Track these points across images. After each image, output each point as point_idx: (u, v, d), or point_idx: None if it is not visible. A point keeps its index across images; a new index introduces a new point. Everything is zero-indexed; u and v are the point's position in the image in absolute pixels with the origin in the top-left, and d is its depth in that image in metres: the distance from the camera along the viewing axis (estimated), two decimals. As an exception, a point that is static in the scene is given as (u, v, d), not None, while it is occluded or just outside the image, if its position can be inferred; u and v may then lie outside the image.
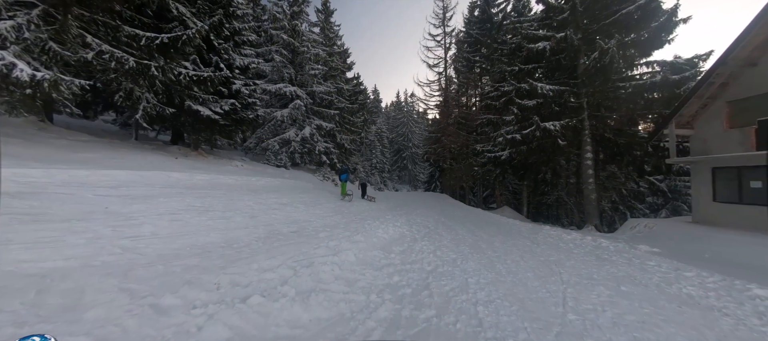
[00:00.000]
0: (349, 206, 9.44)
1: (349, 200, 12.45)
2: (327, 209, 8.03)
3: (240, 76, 13.61)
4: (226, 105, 12.21)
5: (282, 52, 25.03)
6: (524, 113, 12.69)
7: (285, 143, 23.62)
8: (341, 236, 5.34)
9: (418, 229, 8.15)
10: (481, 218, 12.28)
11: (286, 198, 8.19)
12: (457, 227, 9.20)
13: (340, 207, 8.85)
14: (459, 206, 16.92)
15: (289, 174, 17.19)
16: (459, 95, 24.73)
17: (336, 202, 9.65)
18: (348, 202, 11.86)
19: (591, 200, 13.50)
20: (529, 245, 7.21)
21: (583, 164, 13.70)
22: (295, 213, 6.46)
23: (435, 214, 12.13)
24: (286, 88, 24.11)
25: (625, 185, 15.92)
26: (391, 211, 11.21)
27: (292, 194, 9.48)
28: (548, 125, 11.56)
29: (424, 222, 9.60)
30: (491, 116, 17.65)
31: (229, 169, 11.49)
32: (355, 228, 6.16)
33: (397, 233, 6.94)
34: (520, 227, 10.37)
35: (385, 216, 9.05)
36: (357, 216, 7.98)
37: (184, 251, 3.34)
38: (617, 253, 7.12)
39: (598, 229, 13.27)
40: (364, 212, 9.33)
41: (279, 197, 8.21)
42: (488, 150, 16.11)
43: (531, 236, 8.73)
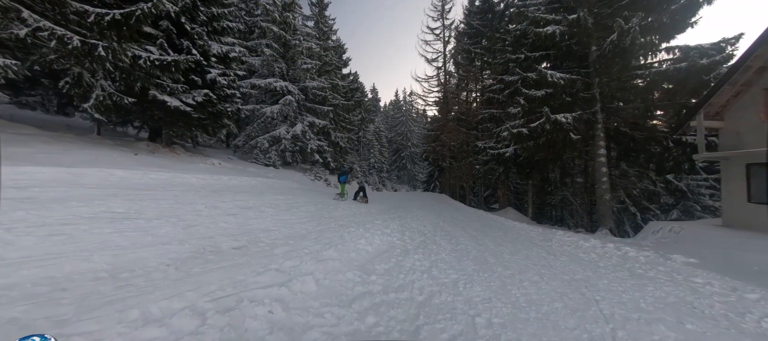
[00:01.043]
0: (333, 210, 8.18)
1: (366, 202, 11.84)
2: (302, 214, 6.75)
3: (217, 65, 12.33)
4: (199, 96, 10.92)
5: (273, 46, 23.76)
6: (532, 105, 11.44)
7: (275, 141, 22.35)
8: (306, 251, 4.07)
9: (412, 237, 6.88)
10: (483, 222, 11.02)
11: (256, 201, 6.91)
12: (458, 233, 7.94)
13: (320, 212, 7.57)
14: (459, 208, 15.65)
15: (274, 174, 15.92)
16: (459, 90, 23.46)
17: (317, 205, 8.39)
18: (342, 201, 11.34)
19: (605, 202, 12.24)
20: (546, 257, 5.94)
21: (596, 162, 12.44)
22: (255, 220, 5.19)
23: (433, 217, 10.86)
24: (276, 83, 22.85)
25: (638, 185, 14.67)
26: (383, 214, 9.94)
27: (266, 195, 8.20)
28: (559, 118, 10.31)
29: (420, 227, 8.33)
30: (494, 110, 16.39)
31: (201, 167, 10.22)
32: (329, 239, 4.89)
33: (385, 244, 5.67)
34: (529, 232, 9.10)
35: (374, 221, 7.78)
36: (338, 222, 6.71)
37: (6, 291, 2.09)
38: (651, 266, 5.87)
39: (613, 233, 12.02)
40: (349, 216, 8.06)
41: (247, 199, 6.94)
42: (490, 147, 14.86)
43: (544, 244, 7.46)
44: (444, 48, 27.17)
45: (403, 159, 64.52)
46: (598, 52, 12.06)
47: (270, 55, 23.11)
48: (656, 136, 11.78)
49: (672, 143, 11.45)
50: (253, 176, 11.75)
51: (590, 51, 12.29)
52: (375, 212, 10.28)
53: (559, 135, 10.66)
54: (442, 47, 27.27)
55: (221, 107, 11.99)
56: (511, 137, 11.79)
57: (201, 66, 11.33)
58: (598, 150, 12.32)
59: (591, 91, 12.06)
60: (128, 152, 9.29)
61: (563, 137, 10.70)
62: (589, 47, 12.23)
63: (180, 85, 10.45)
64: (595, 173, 12.56)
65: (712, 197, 24.41)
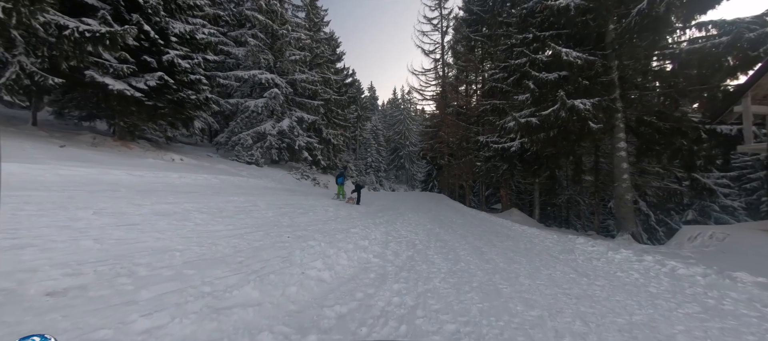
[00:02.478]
0: (303, 214, 6.59)
1: (353, 202, 11.26)
2: (251, 222, 5.12)
3: (180, 46, 10.68)
4: (152, 80, 9.29)
5: (259, 36, 22.14)
6: (542, 91, 9.84)
7: (260, 137, 20.69)
8: (203, 291, 2.45)
9: (398, 251, 5.26)
10: (487, 227, 9.41)
11: (193, 204, 5.28)
12: (458, 243, 6.32)
13: (280, 217, 5.95)
14: (459, 210, 14.04)
15: (254, 172, 14.26)
16: (458, 82, 21.83)
17: (282, 208, 6.78)
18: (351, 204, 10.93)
19: (626, 202, 10.63)
20: (577, 281, 4.33)
21: (615, 157, 10.83)
22: (160, 234, 3.57)
23: (428, 221, 9.25)
24: (262, 75, 21.22)
25: (659, 183, 13.08)
26: (368, 218, 8.33)
27: (218, 197, 6.57)
28: (577, 103, 8.72)
29: (410, 236, 6.71)
30: (496, 101, 14.78)
31: (148, 163, 8.57)
32: (262, 263, 3.27)
33: (355, 265, 4.06)
34: (543, 241, 7.49)
35: (351, 229, 6.16)
36: (299, 231, 5.08)
37: None
38: (719, 292, 4.27)
39: (636, 238, 10.43)
40: (321, 222, 6.44)
41: (181, 202, 5.31)
42: (493, 141, 13.25)
43: (566, 258, 5.84)
44: (442, 39, 25.56)
45: (402, 158, 63.03)
46: (617, 31, 10.47)
47: (255, 46, 21.46)
48: (686, 126, 10.17)
49: (705, 135, 9.87)
50: (219, 173, 10.11)
51: (607, 30, 10.70)
52: (359, 215, 8.66)
53: (576, 125, 9.08)
54: (440, 38, 25.67)
55: (183, 95, 10.33)
56: (519, 128, 10.20)
57: (156, 46, 9.69)
58: (617, 143, 10.71)
59: (609, 75, 10.44)
60: (51, 144, 7.64)
61: (581, 127, 9.11)
62: (607, 26, 10.64)
63: (126, 65, 8.81)
64: (614, 170, 10.95)
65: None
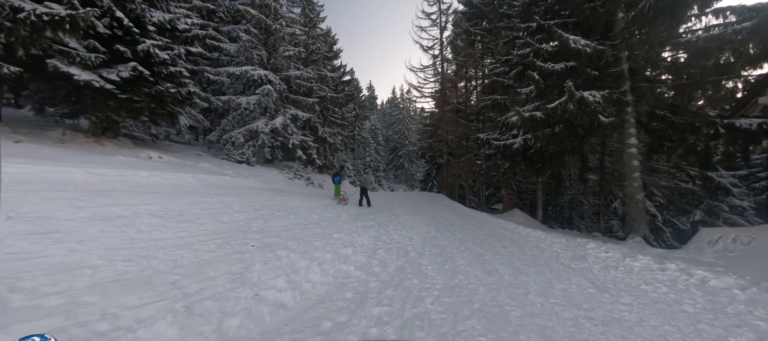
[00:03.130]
0: (280, 218, 5.89)
1: (345, 203, 10.69)
2: (212, 227, 4.39)
3: (159, 36, 9.96)
4: (125, 71, 8.57)
5: (251, 31, 21.42)
6: (548, 82, 9.11)
7: (252, 136, 19.97)
8: (88, 335, 1.74)
9: (387, 260, 4.55)
10: (489, 229, 8.69)
11: (147, 206, 4.57)
12: (456, 250, 5.60)
13: (252, 222, 5.23)
14: (458, 210, 13.33)
15: (241, 171, 13.53)
16: (458, 78, 21.08)
17: (258, 211, 6.08)
18: (343, 204, 10.33)
19: (636, 203, 9.92)
20: (597, 297, 3.61)
21: (625, 154, 10.11)
22: (80, 246, 2.87)
23: (424, 223, 8.54)
24: (254, 71, 20.47)
25: (671, 181, 12.36)
26: (358, 220, 7.62)
27: (187, 197, 5.85)
28: (586, 95, 8.00)
29: (404, 241, 5.99)
30: (498, 96, 14.06)
31: (119, 161, 7.84)
32: (202, 284, 2.56)
33: (333, 279, 3.35)
34: (550, 245, 6.77)
35: (334, 234, 5.45)
36: (268, 238, 4.37)
37: None
38: (764, 310, 3.55)
39: (648, 241, 9.71)
40: (300, 226, 5.73)
41: (135, 203, 4.59)
42: (494, 138, 12.53)
43: (579, 266, 5.12)
44: (441, 34, 24.83)
45: (401, 158, 62.35)
46: (627, 19, 9.77)
47: (248, 41, 20.75)
48: (701, 121, 9.46)
49: (723, 130, 9.16)
50: (200, 172, 9.39)
51: (616, 19, 10.00)
52: (349, 217, 7.95)
53: (585, 118, 8.37)
54: (439, 33, 24.92)
55: (161, 88, 9.61)
56: (522, 124, 9.48)
57: (131, 35, 8.97)
58: (627, 139, 9.99)
59: (619, 66, 9.72)
60: (12, 140, 6.93)
61: (590, 121, 8.40)
62: (616, 13, 9.93)
63: (95, 55, 8.09)
64: (624, 169, 10.24)
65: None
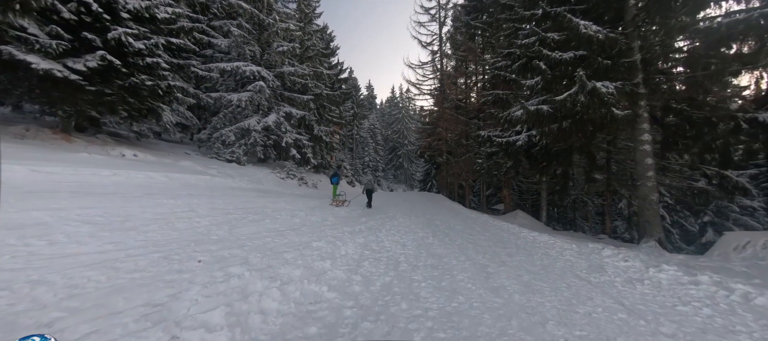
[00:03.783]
0: (251, 225, 5.13)
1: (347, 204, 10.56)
2: (158, 236, 3.63)
3: (135, 24, 9.20)
4: (92, 60, 7.82)
5: (243, 26, 20.67)
6: (556, 72, 8.36)
7: (243, 134, 19.22)
8: None
9: (373, 273, 3.81)
10: (492, 234, 7.94)
11: (86, 210, 3.82)
12: (455, 260, 4.85)
13: (214, 230, 4.49)
14: (458, 212, 12.58)
15: (222, 171, 12.75)
16: (458, 73, 20.33)
17: (229, 215, 5.32)
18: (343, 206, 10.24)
19: (651, 204, 9.16)
20: (632, 324, 2.84)
21: (638, 151, 9.36)
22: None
23: (420, 227, 7.79)
24: (247, 67, 19.70)
25: (684, 180, 11.63)
26: (349, 223, 6.88)
27: (142, 199, 5.09)
28: (599, 86, 7.26)
29: (395, 249, 5.25)
30: (499, 91, 13.32)
31: (81, 158, 7.08)
32: (92, 325, 1.80)
33: (295, 306, 2.60)
34: (562, 252, 6.03)
35: (318, 239, 4.70)
36: (230, 248, 3.62)
37: None
38: None
39: (663, 245, 8.97)
40: (273, 233, 4.98)
41: (71, 207, 3.85)
42: (496, 135, 11.79)
43: (600, 280, 4.38)
44: (440, 30, 24.09)
45: (400, 158, 61.67)
46: (639, 5, 9.04)
47: (239, 36, 20.00)
48: (721, 115, 8.73)
49: (746, 124, 8.43)
50: (177, 172, 8.63)
51: (627, 5, 9.25)
52: (337, 220, 7.20)
53: (597, 112, 7.63)
54: (438, 29, 24.19)
55: (136, 80, 8.86)
56: (527, 118, 8.72)
57: (101, 21, 8.22)
58: (640, 136, 9.24)
59: (631, 56, 8.97)
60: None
61: (602, 115, 7.66)
62: (627, 0, 9.19)
63: (58, 42, 7.33)
64: (637, 167, 9.49)
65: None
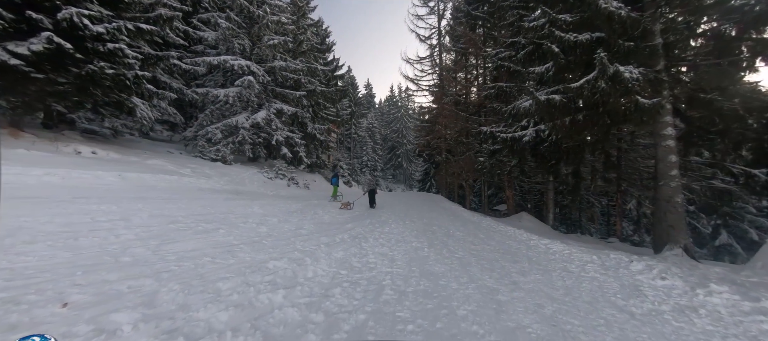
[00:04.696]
0: (194, 238, 4.10)
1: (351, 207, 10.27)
2: (33, 261, 2.62)
3: (95, 7, 8.16)
4: (37, 43, 6.79)
5: (232, 18, 19.63)
6: (570, 57, 7.32)
7: (231, 131, 18.20)
8: None
9: (341, 309, 2.77)
10: (498, 243, 6.90)
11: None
12: (456, 283, 3.81)
13: (121, 251, 3.45)
14: (458, 215, 11.54)
15: (200, 171, 11.68)
16: (458, 66, 19.27)
17: (169, 225, 4.27)
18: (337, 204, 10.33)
19: (675, 206, 8.11)
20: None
21: (660, 147, 8.30)
22: None
23: (415, 235, 6.75)
24: (235, 61, 18.63)
25: (705, 179, 10.59)
26: (331, 232, 5.86)
27: (61, 205, 4.07)
28: (622, 70, 6.22)
29: (382, 266, 4.22)
30: (503, 83, 12.29)
31: (17, 155, 6.06)
32: None
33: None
34: (584, 267, 5.00)
35: (276, 259, 3.68)
36: (143, 275, 2.58)
37: None
38: None
39: (689, 253, 7.93)
40: (219, 249, 3.96)
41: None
42: (500, 131, 10.77)
43: (643, 309, 3.31)
44: (439, 23, 23.03)
45: (399, 157, 60.64)
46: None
47: (228, 29, 18.96)
48: (756, 105, 7.70)
49: (784, 115, 7.42)
50: (138, 171, 7.59)
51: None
52: (316, 227, 6.16)
53: (618, 101, 6.61)
54: (437, 22, 23.14)
55: (94, 68, 7.82)
56: (537, 110, 7.67)
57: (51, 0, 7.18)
58: (663, 130, 8.18)
59: (652, 39, 7.92)
60: None
61: (625, 105, 6.64)
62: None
63: (-9, 20, 6.30)
64: (658, 165, 8.44)
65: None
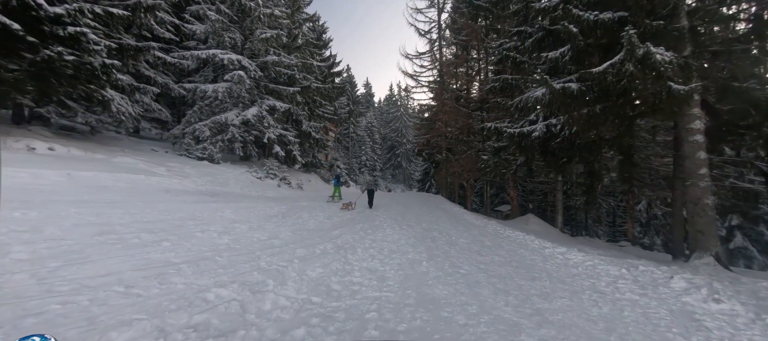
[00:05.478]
0: (111, 255, 3.15)
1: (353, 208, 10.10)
2: None
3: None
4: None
5: (222, 10, 18.69)
6: (590, 40, 6.35)
7: (220, 128, 17.29)
8: None
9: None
10: (508, 253, 5.98)
11: None
12: (463, 315, 2.89)
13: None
14: (459, 218, 10.62)
15: (176, 170, 10.72)
16: (458, 60, 18.36)
17: (101, 237, 3.31)
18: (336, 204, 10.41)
19: (704, 209, 7.19)
20: None
21: (686, 143, 7.38)
22: None
23: (412, 243, 5.83)
24: (224, 55, 17.68)
25: (730, 179, 9.72)
26: (310, 240, 4.96)
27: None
28: (654, 51, 5.30)
29: (367, 290, 3.30)
30: (508, 75, 11.37)
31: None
32: None
33: None
34: (614, 283, 4.08)
35: (218, 288, 2.76)
36: None
37: None
38: None
39: (721, 262, 7.03)
40: (154, 269, 3.03)
41: None
42: (506, 126, 9.86)
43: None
44: (439, 16, 22.12)
45: (399, 157, 59.72)
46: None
47: (217, 21, 18.04)
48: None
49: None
50: (96, 170, 6.68)
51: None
52: (298, 236, 5.25)
53: (648, 87, 5.71)
54: (437, 15, 22.23)
55: (51, 53, 6.90)
56: (551, 100, 6.71)
57: (-5, -27, 6.27)
58: (690, 123, 7.26)
59: (678, 22, 7.01)
60: None
61: (654, 92, 5.73)
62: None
63: None
64: (685, 163, 7.52)
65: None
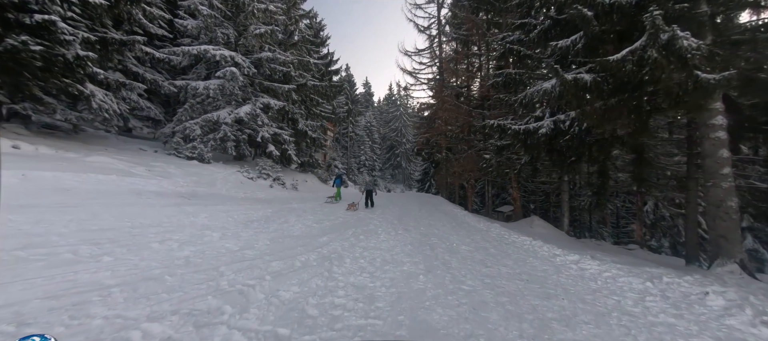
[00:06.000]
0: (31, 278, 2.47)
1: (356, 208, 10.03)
2: None
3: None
4: None
5: (215, 5, 18.07)
6: (605, 26, 5.74)
7: (212, 127, 16.69)
8: None
9: None
10: (515, 263, 5.37)
11: None
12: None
13: None
14: (460, 221, 10.02)
15: (158, 170, 10.08)
16: (459, 56, 17.75)
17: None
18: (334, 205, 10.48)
19: (728, 212, 6.60)
20: None
21: (707, 141, 6.79)
22: None
23: (408, 251, 5.22)
24: (216, 51, 17.03)
25: (745, 178, 9.14)
26: (293, 250, 4.37)
27: None
28: (681, 36, 4.67)
29: (351, 315, 2.69)
30: (511, 70, 10.78)
31: None
32: None
33: None
34: (643, 302, 3.48)
35: (148, 322, 2.15)
36: None
37: None
38: None
39: (746, 269, 6.45)
40: (74, 298, 2.41)
41: None
42: (510, 123, 9.26)
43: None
44: (438, 11, 21.52)
45: (398, 157, 59.10)
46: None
47: (210, 16, 17.42)
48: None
49: None
50: (54, 170, 6.07)
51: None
52: (279, 245, 4.66)
53: (672, 76, 5.09)
54: (437, 10, 21.63)
55: (14, 42, 6.30)
56: (562, 92, 6.08)
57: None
58: (712, 118, 6.68)
59: (697, 7, 6.41)
60: None
61: (681, 81, 5.12)
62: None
63: None
64: (706, 162, 6.92)
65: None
